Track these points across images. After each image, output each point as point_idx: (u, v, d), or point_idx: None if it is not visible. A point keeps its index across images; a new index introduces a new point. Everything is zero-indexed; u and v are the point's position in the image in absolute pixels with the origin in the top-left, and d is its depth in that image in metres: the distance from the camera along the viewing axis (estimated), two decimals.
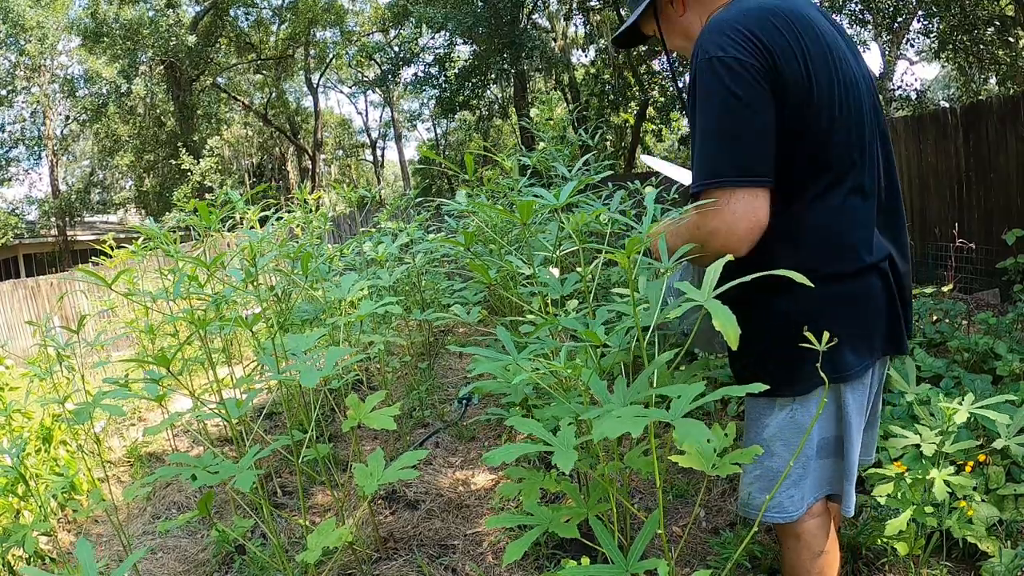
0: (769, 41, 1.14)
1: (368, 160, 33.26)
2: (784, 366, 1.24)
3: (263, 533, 2.54)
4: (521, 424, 1.17)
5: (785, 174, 1.19)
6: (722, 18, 1.19)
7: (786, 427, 1.29)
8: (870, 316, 1.26)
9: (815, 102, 1.17)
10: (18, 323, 10.91)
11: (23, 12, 17.23)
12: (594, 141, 3.52)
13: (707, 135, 1.17)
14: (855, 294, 1.24)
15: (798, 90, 1.15)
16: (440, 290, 3.94)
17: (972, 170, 5.61)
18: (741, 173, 1.14)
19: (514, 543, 1.26)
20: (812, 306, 1.21)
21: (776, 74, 1.14)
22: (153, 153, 20.88)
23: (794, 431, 1.29)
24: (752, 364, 1.29)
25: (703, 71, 1.16)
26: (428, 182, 23.33)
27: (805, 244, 1.22)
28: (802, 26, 1.18)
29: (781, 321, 1.23)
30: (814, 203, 1.21)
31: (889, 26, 13.85)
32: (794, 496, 1.31)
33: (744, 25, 1.15)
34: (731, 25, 1.16)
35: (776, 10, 1.18)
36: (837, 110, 1.19)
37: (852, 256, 1.23)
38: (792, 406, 1.28)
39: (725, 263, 1.05)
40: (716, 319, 0.90)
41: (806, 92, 1.16)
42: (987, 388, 2.35)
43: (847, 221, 1.23)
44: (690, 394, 1.01)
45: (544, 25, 18.49)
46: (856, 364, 1.25)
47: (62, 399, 2.32)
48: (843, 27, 1.36)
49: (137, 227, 2.56)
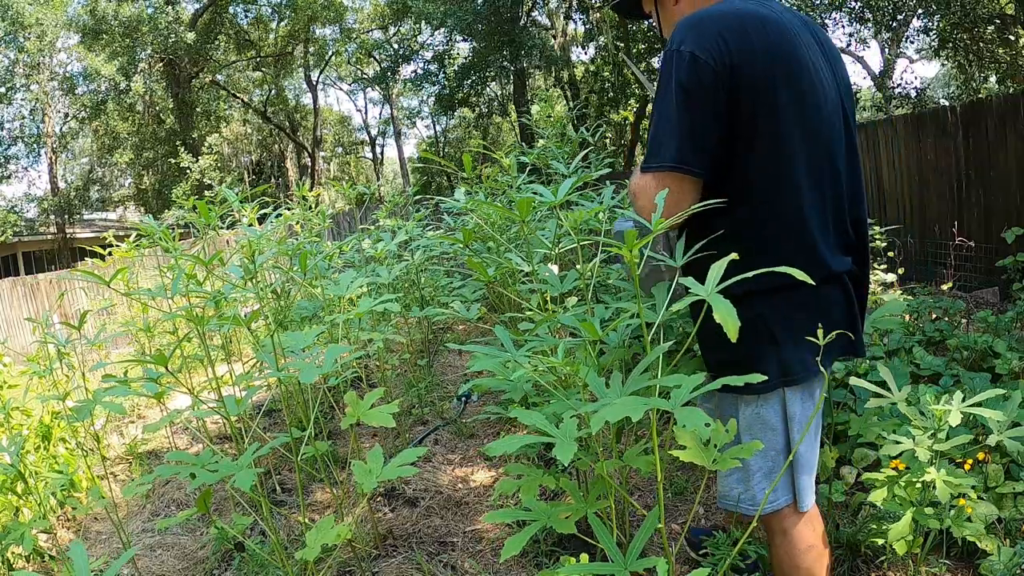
0: (735, 44, 1.18)
1: (367, 157, 33.23)
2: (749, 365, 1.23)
3: (262, 530, 2.54)
4: (524, 416, 1.18)
5: (742, 175, 1.25)
6: (700, 14, 1.23)
7: (754, 423, 1.35)
8: (830, 322, 1.29)
9: (778, 108, 1.21)
10: (17, 320, 10.90)
11: (22, 9, 17.17)
12: (594, 138, 3.52)
13: (657, 120, 1.24)
14: (817, 302, 1.30)
15: (758, 94, 1.19)
16: (439, 287, 3.94)
17: (972, 168, 5.60)
18: (676, 161, 1.21)
19: (512, 538, 1.26)
20: (778, 311, 1.28)
21: (735, 76, 1.18)
22: (152, 150, 20.83)
23: (761, 427, 1.34)
24: (725, 361, 1.34)
25: (667, 60, 1.22)
26: (427, 179, 23.33)
27: (775, 251, 1.26)
28: (777, 34, 1.21)
29: (752, 324, 1.26)
30: (777, 208, 1.26)
31: (889, 24, 13.83)
32: (766, 489, 1.35)
33: (716, 25, 1.19)
34: (704, 22, 1.21)
35: (754, 15, 1.22)
36: (802, 118, 1.23)
37: (817, 265, 1.27)
38: (757, 402, 1.34)
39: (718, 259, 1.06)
40: (717, 313, 0.92)
41: (768, 97, 1.20)
42: (986, 386, 2.35)
43: (811, 229, 1.27)
44: (690, 384, 1.02)
45: (544, 22, 18.46)
46: (815, 365, 1.28)
47: (62, 396, 2.32)
48: (828, 38, 1.40)
49: (136, 225, 2.55)
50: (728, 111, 1.20)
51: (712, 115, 1.20)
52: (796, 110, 1.23)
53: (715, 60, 1.17)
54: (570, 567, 1.16)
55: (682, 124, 1.20)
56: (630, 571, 1.11)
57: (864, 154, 6.85)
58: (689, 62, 1.18)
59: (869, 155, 6.77)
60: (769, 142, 1.22)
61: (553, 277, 1.69)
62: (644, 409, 0.94)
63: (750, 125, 1.21)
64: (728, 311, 0.91)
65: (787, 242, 1.27)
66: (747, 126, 1.21)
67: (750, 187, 1.25)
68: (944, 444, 1.68)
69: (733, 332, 0.90)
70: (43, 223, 21.25)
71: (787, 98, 1.21)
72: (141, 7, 18.94)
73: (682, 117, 1.20)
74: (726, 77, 1.18)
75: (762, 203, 1.26)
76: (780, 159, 1.24)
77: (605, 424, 0.96)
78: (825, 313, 1.30)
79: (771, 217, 1.26)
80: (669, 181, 1.22)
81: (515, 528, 2.31)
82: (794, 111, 1.22)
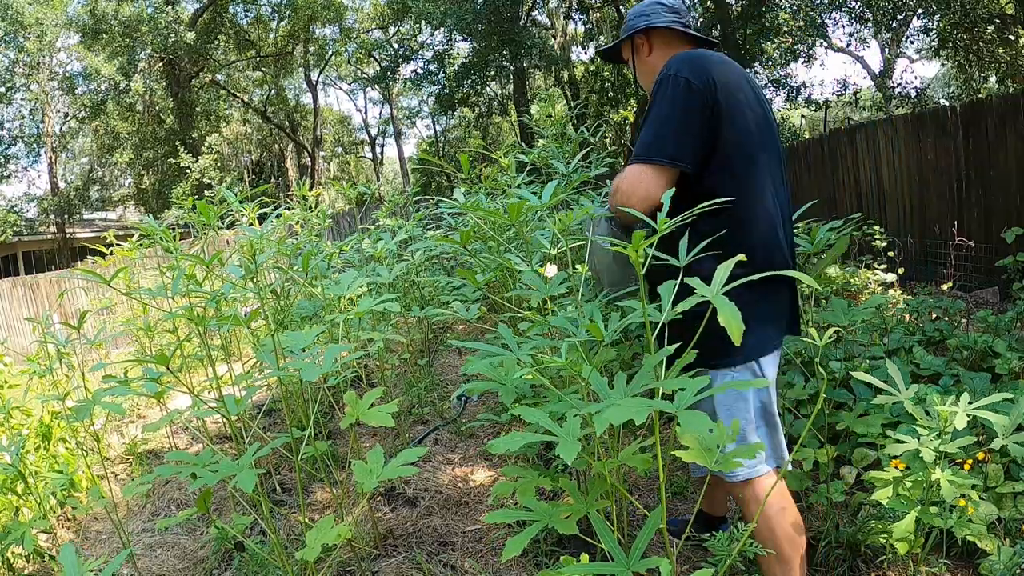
0: (716, 77, 1.55)
1: (367, 157, 33.22)
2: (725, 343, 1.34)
3: (262, 530, 2.54)
4: (528, 414, 1.17)
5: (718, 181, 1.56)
6: (691, 54, 1.62)
7: (729, 392, 1.58)
8: (782, 304, 1.65)
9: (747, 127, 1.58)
10: (17, 320, 10.90)
11: (22, 9, 17.15)
12: (594, 138, 3.51)
13: (650, 124, 1.58)
14: (778, 287, 1.61)
15: (730, 114, 1.55)
16: (439, 287, 3.94)
17: (972, 168, 5.60)
18: (661, 154, 1.54)
19: (513, 539, 1.26)
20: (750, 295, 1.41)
21: (714, 99, 1.54)
22: (152, 150, 20.82)
23: (734, 395, 1.59)
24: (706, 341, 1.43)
25: (664, 81, 1.57)
26: (427, 179, 23.33)
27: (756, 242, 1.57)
28: (736, 74, 1.62)
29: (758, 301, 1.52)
30: (754, 206, 1.58)
31: (889, 24, 13.84)
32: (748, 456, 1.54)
33: (703, 62, 1.58)
34: (695, 59, 1.59)
35: (726, 61, 1.64)
36: (758, 135, 1.60)
37: (780, 255, 1.61)
38: (732, 373, 1.58)
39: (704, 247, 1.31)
40: (721, 315, 0.96)
41: (736, 116, 1.56)
42: (986, 386, 2.35)
43: (776, 227, 1.61)
44: (693, 387, 1.02)
45: (544, 22, 18.46)
46: (776, 339, 1.62)
47: (61, 396, 2.32)
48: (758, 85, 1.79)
49: (136, 224, 2.55)
50: (708, 125, 1.53)
51: (693, 123, 1.53)
52: (756, 129, 1.59)
53: (703, 86, 1.53)
54: (572, 567, 1.16)
55: (670, 129, 1.54)
56: (632, 571, 1.11)
57: (864, 154, 6.86)
58: (684, 86, 1.53)
59: (869, 155, 6.77)
60: (738, 152, 1.56)
61: (538, 282, 1.69)
62: (647, 412, 0.94)
63: (724, 137, 1.55)
64: (733, 314, 0.93)
65: (759, 240, 1.57)
66: (722, 138, 1.55)
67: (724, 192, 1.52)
68: (949, 445, 1.68)
69: (737, 336, 0.94)
70: (43, 223, 21.23)
71: (751, 117, 1.59)
72: (141, 7, 18.93)
73: (670, 123, 1.54)
74: (708, 98, 1.53)
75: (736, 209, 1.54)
76: (747, 167, 1.57)
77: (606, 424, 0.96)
78: (779, 299, 1.62)
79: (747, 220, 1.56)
80: (655, 170, 1.54)
81: (515, 527, 2.31)
82: (755, 130, 1.59)
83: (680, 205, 1.49)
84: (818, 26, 14.19)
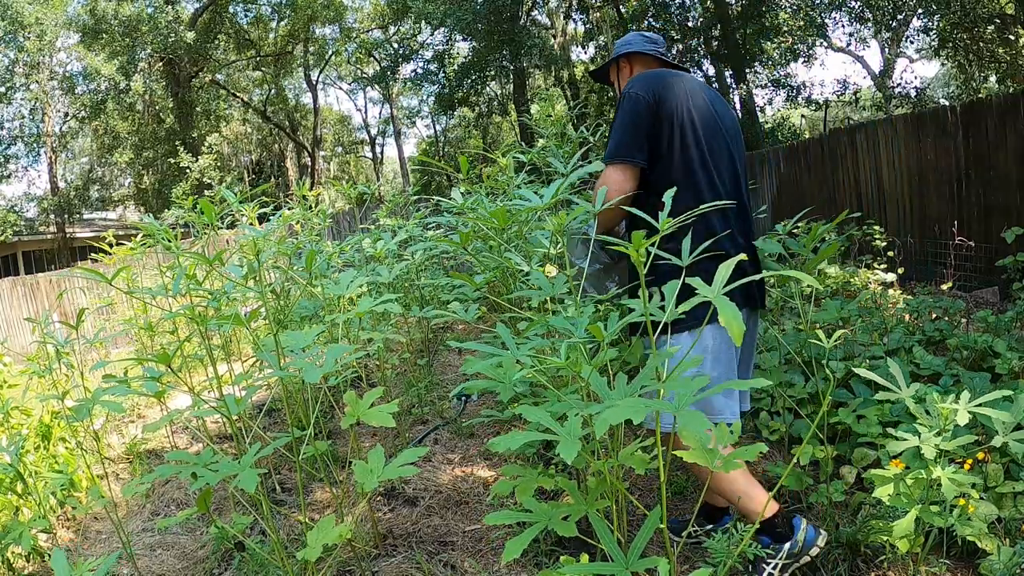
0: (662, 91, 1.92)
1: (367, 157, 33.22)
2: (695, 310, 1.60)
3: (262, 530, 2.54)
4: (529, 412, 1.17)
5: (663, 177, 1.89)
6: (646, 74, 2.02)
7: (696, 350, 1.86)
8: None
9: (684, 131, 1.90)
10: (17, 320, 10.90)
11: (22, 9, 17.15)
12: (594, 138, 3.51)
13: (613, 132, 1.96)
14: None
15: (671, 120, 1.90)
16: (439, 287, 3.94)
17: (971, 168, 5.60)
18: (623, 154, 1.91)
19: (513, 540, 1.26)
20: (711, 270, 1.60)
21: (659, 108, 1.91)
22: (152, 150, 20.82)
23: (700, 351, 1.86)
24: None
25: (624, 98, 1.97)
26: (427, 179, 23.33)
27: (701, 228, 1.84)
28: (687, 89, 1.96)
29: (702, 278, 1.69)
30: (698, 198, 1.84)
31: (889, 24, 13.84)
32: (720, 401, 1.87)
33: (652, 79, 1.96)
34: (647, 78, 1.98)
35: (674, 75, 2.00)
36: (705, 138, 1.92)
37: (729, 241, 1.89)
38: (691, 335, 1.86)
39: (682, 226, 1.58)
40: (722, 315, 0.98)
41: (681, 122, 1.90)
42: (986, 386, 2.35)
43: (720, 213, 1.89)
44: (693, 387, 1.02)
45: (544, 22, 18.47)
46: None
47: (61, 396, 2.32)
48: (722, 99, 2.12)
49: (137, 224, 2.55)
50: (652, 131, 1.90)
51: (643, 127, 1.90)
52: (704, 133, 1.92)
53: (650, 98, 1.90)
54: (572, 567, 1.16)
55: (627, 133, 1.91)
56: (631, 571, 1.11)
57: (864, 154, 6.86)
58: (634, 99, 1.92)
59: (869, 155, 6.77)
60: (683, 152, 1.90)
61: (544, 281, 1.70)
62: (645, 412, 0.94)
63: (668, 139, 1.90)
64: (734, 314, 0.94)
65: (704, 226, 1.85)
66: (664, 140, 1.90)
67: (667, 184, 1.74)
68: (950, 443, 1.68)
69: (738, 336, 0.96)
70: (43, 223, 21.23)
71: (698, 124, 1.91)
72: (141, 6, 18.93)
73: (627, 129, 1.91)
74: (654, 108, 1.90)
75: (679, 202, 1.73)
76: (689, 164, 1.89)
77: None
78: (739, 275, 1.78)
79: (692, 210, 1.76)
80: (620, 168, 1.92)
81: (515, 527, 2.31)
82: (696, 134, 1.91)
83: (640, 194, 1.91)
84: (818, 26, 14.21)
